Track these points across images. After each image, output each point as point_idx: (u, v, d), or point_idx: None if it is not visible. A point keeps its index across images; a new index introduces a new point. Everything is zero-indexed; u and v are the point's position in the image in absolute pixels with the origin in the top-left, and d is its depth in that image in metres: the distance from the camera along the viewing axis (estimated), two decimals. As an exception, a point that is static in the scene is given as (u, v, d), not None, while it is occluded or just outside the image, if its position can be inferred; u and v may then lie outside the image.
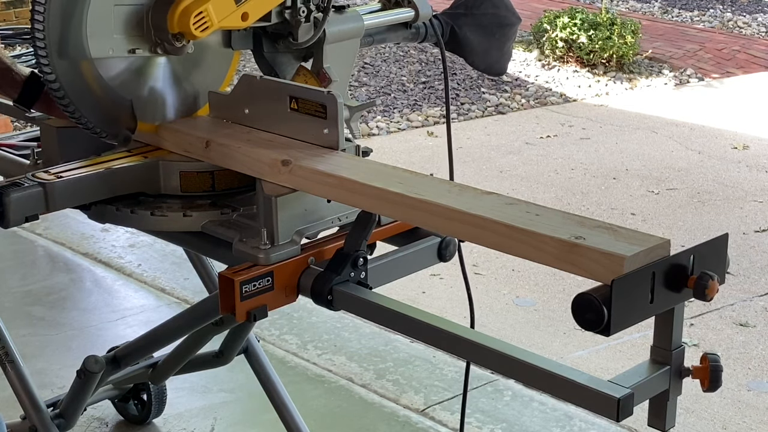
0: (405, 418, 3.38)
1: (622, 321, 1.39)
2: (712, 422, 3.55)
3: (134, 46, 1.99)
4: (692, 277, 1.44)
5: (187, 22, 1.93)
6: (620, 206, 5.69)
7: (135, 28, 1.98)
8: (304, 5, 2.11)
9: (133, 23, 1.98)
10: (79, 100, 1.96)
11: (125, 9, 1.96)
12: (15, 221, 1.87)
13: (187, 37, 1.96)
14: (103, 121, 2.00)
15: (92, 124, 1.99)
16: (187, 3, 1.94)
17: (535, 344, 4.02)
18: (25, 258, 4.73)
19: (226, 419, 3.38)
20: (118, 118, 2.02)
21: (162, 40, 1.98)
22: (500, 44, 2.47)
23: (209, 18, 1.95)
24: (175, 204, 1.97)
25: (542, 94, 7.96)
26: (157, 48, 2.00)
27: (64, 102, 1.95)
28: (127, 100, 2.02)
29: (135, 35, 1.99)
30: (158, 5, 1.97)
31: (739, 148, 6.79)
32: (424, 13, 2.36)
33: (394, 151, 6.56)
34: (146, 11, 1.98)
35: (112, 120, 2.01)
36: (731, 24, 10.38)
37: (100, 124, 2.00)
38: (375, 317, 1.79)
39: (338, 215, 1.93)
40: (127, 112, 2.02)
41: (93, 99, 1.98)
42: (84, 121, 1.98)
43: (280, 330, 3.96)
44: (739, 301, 4.50)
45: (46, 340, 3.87)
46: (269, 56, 2.18)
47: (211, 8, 1.95)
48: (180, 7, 1.94)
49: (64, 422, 2.73)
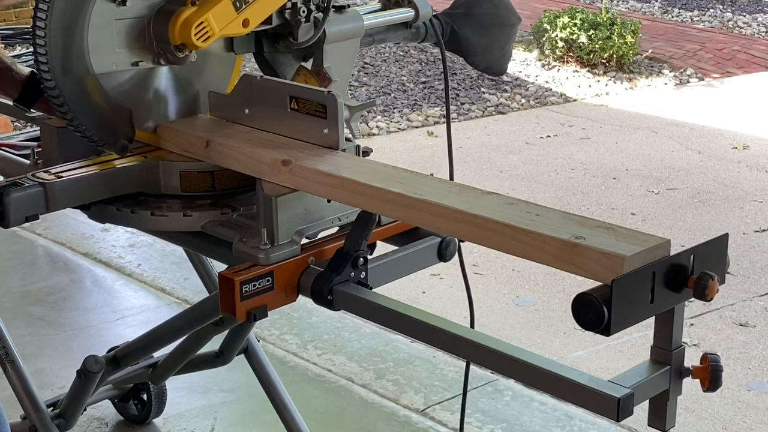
0: (405, 418, 3.38)
1: (623, 321, 1.39)
2: (712, 422, 3.55)
3: (137, 58, 1.99)
4: (692, 277, 1.44)
5: (188, 33, 1.93)
6: (620, 206, 5.69)
7: (137, 41, 1.98)
8: (304, 5, 2.11)
9: (134, 36, 1.97)
10: (80, 111, 1.95)
11: (126, 23, 1.96)
12: (15, 221, 1.87)
13: (189, 47, 1.96)
14: (102, 131, 1.99)
15: (90, 133, 1.98)
16: (188, 14, 1.93)
17: (535, 344, 4.02)
18: (25, 258, 4.73)
19: (226, 419, 3.38)
20: (116, 127, 2.01)
21: (164, 51, 1.98)
22: (500, 44, 2.47)
23: (210, 28, 1.95)
24: (175, 204, 1.97)
25: (542, 94, 7.96)
26: (159, 59, 2.00)
27: (65, 112, 1.94)
28: (127, 110, 2.01)
29: (137, 48, 1.99)
30: (159, 17, 1.97)
31: (739, 148, 6.79)
32: (424, 12, 2.36)
33: (394, 151, 6.56)
34: (147, 23, 1.98)
35: (111, 129, 2.00)
36: (731, 24, 10.38)
37: (98, 133, 1.99)
38: (375, 317, 1.79)
39: (338, 215, 1.93)
40: (126, 122, 2.02)
41: (94, 110, 1.98)
42: (82, 129, 1.96)
43: (280, 330, 3.96)
44: (739, 301, 4.50)
45: (46, 340, 3.87)
46: (269, 56, 2.18)
47: (211, 18, 1.94)
48: (180, 19, 1.94)
49: (64, 422, 2.73)
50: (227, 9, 1.96)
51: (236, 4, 1.97)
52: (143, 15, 1.97)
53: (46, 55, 1.89)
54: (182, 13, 1.93)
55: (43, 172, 1.94)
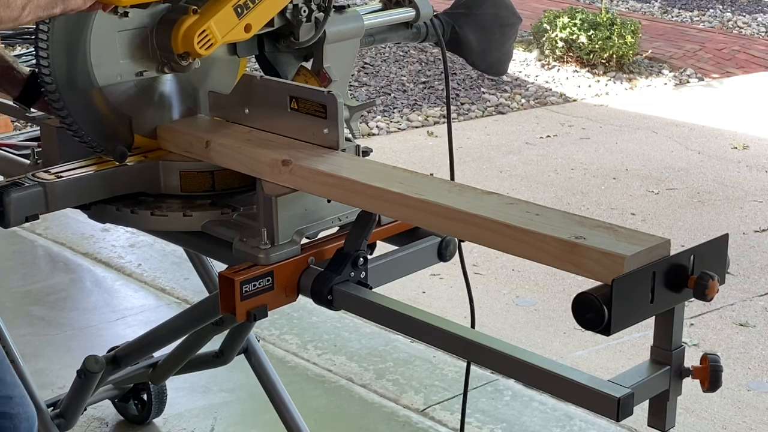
0: (405, 418, 3.38)
1: (623, 321, 1.39)
2: (712, 422, 3.55)
3: (141, 68, 1.99)
4: (692, 277, 1.44)
5: (191, 42, 1.92)
6: (620, 206, 5.69)
7: (140, 51, 1.98)
8: (305, 5, 2.11)
9: (137, 46, 1.97)
10: (81, 120, 1.96)
11: (128, 34, 1.96)
12: (15, 221, 1.87)
13: (192, 56, 1.95)
14: (102, 137, 1.99)
15: (90, 138, 1.97)
16: (190, 22, 1.93)
17: (535, 344, 4.02)
18: (25, 258, 4.73)
19: (226, 419, 3.38)
20: (116, 134, 2.00)
21: (168, 60, 1.98)
22: (500, 44, 2.47)
23: (213, 35, 1.94)
24: (175, 204, 1.97)
25: (542, 94, 7.96)
26: (164, 67, 1.99)
27: (66, 119, 1.94)
28: (127, 117, 2.01)
29: (140, 58, 1.98)
30: (161, 26, 1.96)
31: (738, 148, 6.79)
32: (425, 12, 2.36)
33: (394, 151, 6.56)
34: (149, 32, 1.97)
35: (110, 136, 1.99)
36: (731, 24, 10.38)
37: (97, 139, 1.98)
38: (375, 317, 1.79)
39: (338, 215, 1.93)
40: (126, 128, 2.01)
41: (95, 118, 1.98)
42: (81, 134, 1.96)
43: (280, 330, 3.95)
44: (739, 301, 4.50)
45: (46, 340, 3.87)
46: (270, 56, 2.18)
47: (213, 25, 1.93)
48: (183, 27, 1.93)
49: (64, 422, 2.73)
50: (229, 15, 1.95)
51: (238, 9, 1.96)
52: (145, 25, 1.96)
53: (50, 75, 1.89)
54: (184, 22, 1.92)
55: (43, 172, 1.94)
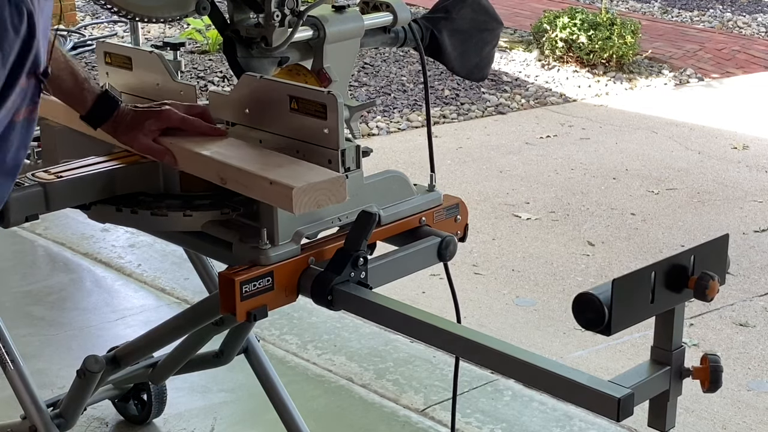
0: (405, 418, 3.38)
1: (623, 321, 1.39)
2: (712, 422, 3.55)
3: None
4: (693, 277, 1.44)
5: None
6: (620, 206, 5.68)
7: None
8: (278, 9, 2.08)
9: None
10: None
11: None
12: (15, 221, 1.87)
13: None
14: None
15: None
16: None
17: (535, 344, 4.01)
18: (25, 258, 4.73)
19: (226, 419, 3.38)
20: None
21: None
22: (479, 49, 2.43)
23: None
24: (175, 204, 1.97)
25: (542, 94, 7.96)
26: None
27: None
28: None
29: None
30: None
31: (738, 148, 6.79)
32: (402, 17, 2.31)
33: (394, 151, 6.56)
34: None
35: None
36: (731, 24, 10.37)
37: None
38: (375, 317, 1.79)
39: (338, 215, 1.93)
40: None
41: None
42: None
43: (280, 330, 3.95)
44: (739, 301, 4.50)
45: (46, 340, 3.87)
46: (243, 61, 2.13)
47: None
48: None
49: (64, 422, 2.73)
50: None
51: None
52: None
53: None
54: None
55: (43, 172, 1.94)
